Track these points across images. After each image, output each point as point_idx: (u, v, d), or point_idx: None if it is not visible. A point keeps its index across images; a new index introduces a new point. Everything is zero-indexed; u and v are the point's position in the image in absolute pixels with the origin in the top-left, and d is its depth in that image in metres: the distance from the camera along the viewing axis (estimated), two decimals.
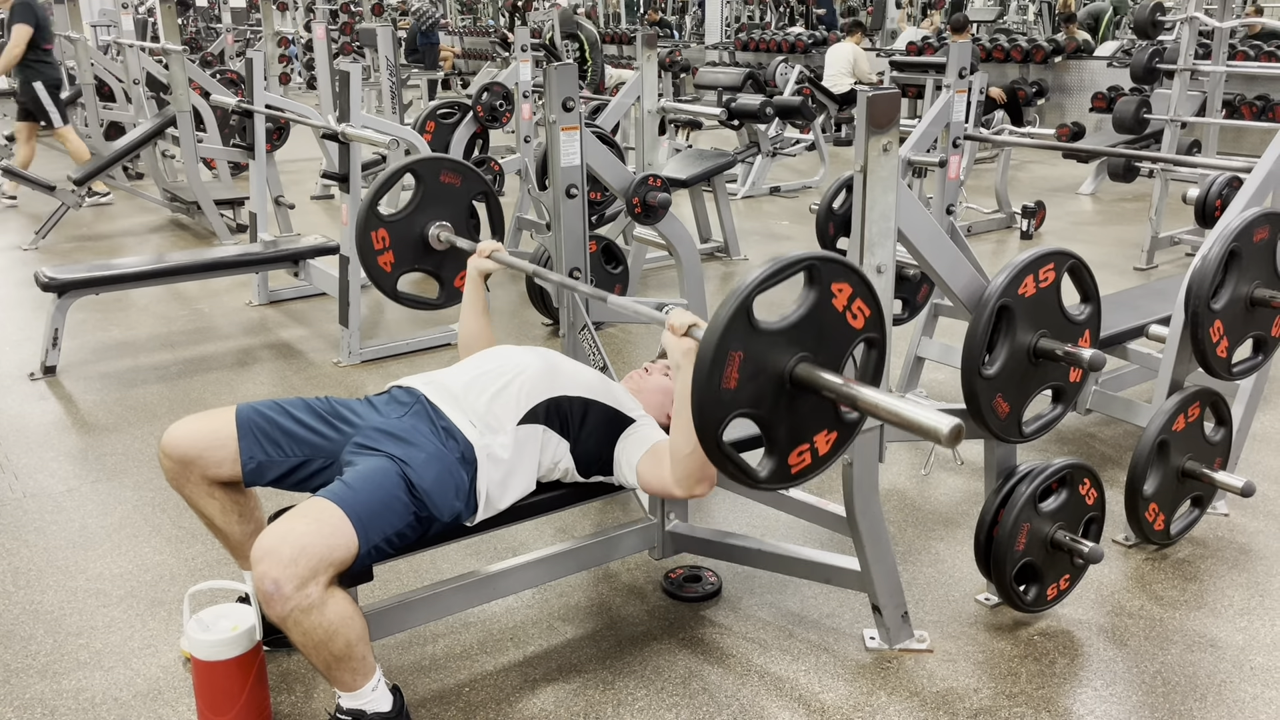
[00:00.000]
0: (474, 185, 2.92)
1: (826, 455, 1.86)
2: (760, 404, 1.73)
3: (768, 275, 1.70)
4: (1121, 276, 5.58)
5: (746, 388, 1.70)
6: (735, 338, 1.66)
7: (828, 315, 1.78)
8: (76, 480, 3.26)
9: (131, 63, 7.63)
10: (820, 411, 1.81)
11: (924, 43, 11.49)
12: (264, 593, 1.75)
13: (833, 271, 1.77)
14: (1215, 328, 2.57)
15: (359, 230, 2.78)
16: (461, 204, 2.90)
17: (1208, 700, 2.18)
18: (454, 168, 2.89)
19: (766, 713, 2.14)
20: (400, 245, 2.82)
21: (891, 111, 1.97)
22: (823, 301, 1.77)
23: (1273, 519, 2.94)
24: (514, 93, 5.62)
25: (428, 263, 2.89)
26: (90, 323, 4.82)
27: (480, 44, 17.63)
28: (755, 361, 1.70)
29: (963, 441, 1.60)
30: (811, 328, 1.76)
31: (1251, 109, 7.82)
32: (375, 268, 2.81)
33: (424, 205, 2.83)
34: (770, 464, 1.79)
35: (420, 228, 2.84)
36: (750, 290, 1.67)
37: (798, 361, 1.74)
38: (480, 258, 2.58)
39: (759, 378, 1.71)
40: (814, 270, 1.75)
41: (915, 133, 3.74)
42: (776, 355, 1.72)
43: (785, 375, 1.73)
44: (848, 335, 1.82)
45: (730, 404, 1.69)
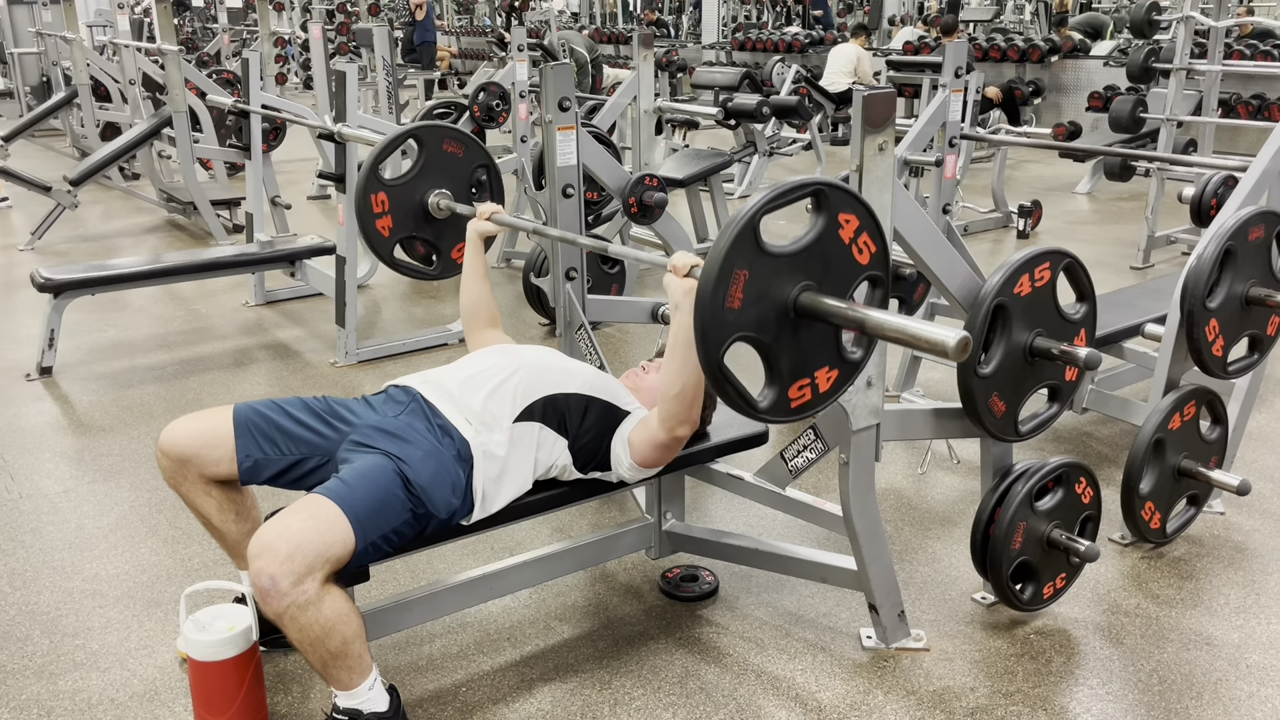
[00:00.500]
0: (476, 156, 2.91)
1: (827, 393, 1.83)
2: (764, 329, 1.70)
3: (777, 195, 1.68)
4: (1117, 275, 5.58)
5: (750, 310, 1.67)
6: (741, 255, 1.63)
7: (834, 246, 1.76)
8: (73, 481, 3.25)
9: (127, 63, 7.63)
10: (823, 346, 1.79)
11: (921, 42, 11.50)
12: (260, 588, 1.75)
13: (841, 200, 1.75)
14: (1211, 326, 2.58)
15: (359, 191, 2.76)
16: (463, 174, 2.88)
17: (1204, 698, 2.18)
18: (457, 137, 2.88)
19: (763, 712, 2.14)
20: (399, 210, 2.81)
21: (887, 111, 1.98)
22: (830, 231, 1.74)
23: (1269, 517, 2.95)
24: (510, 92, 5.62)
25: (426, 231, 2.88)
26: (87, 323, 4.82)
27: (477, 44, 17.63)
28: (760, 283, 1.67)
29: (965, 356, 1.56)
30: (817, 257, 1.74)
31: (1247, 108, 7.82)
32: (373, 232, 2.79)
33: (425, 173, 2.82)
34: (771, 394, 1.76)
35: (420, 195, 2.82)
36: (758, 209, 1.64)
37: (802, 289, 1.71)
38: (480, 220, 2.57)
39: (763, 301, 1.68)
40: (822, 196, 1.73)
41: (912, 132, 3.75)
42: (782, 280, 1.69)
43: (789, 302, 1.71)
44: (853, 269, 1.79)
45: (733, 325, 1.66)
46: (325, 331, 4.70)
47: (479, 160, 2.92)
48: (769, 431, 2.56)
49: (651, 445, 2.11)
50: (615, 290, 4.63)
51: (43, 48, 11.08)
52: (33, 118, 8.76)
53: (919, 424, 2.49)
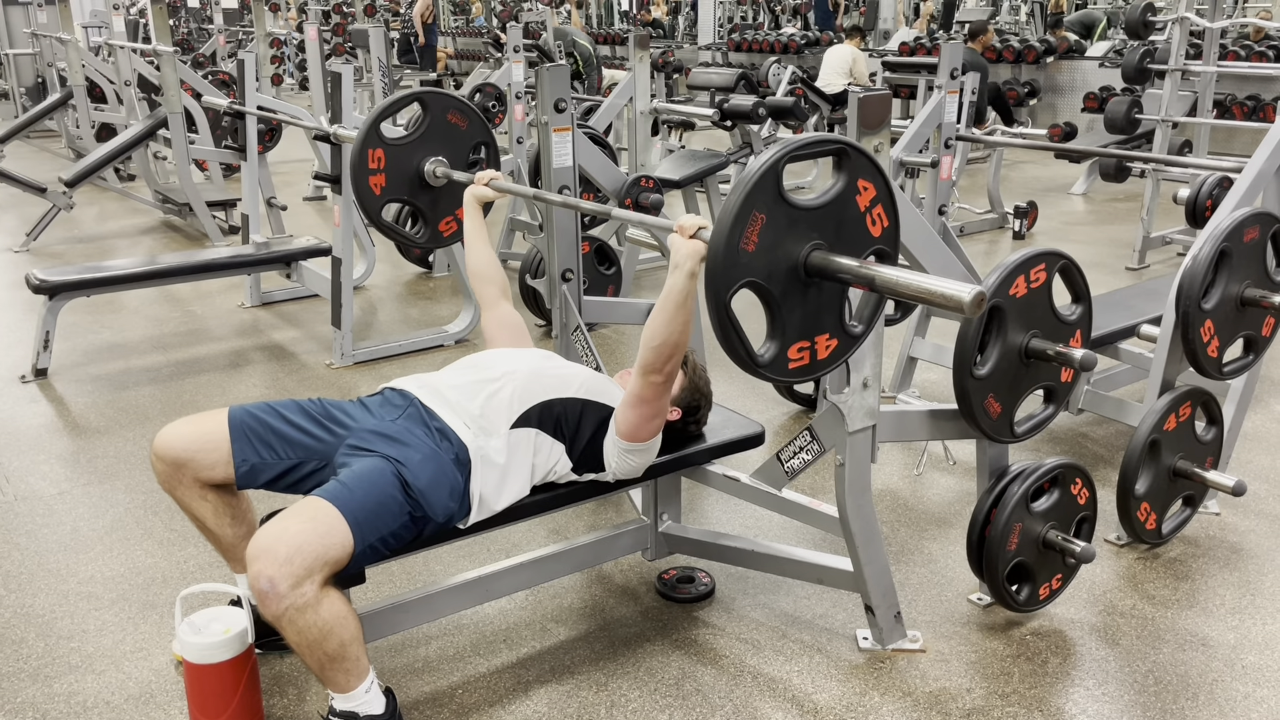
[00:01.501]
0: (478, 132, 2.90)
1: (825, 360, 1.83)
2: (773, 280, 1.70)
3: (801, 144, 1.68)
4: (1113, 276, 5.59)
5: (763, 256, 1.67)
6: (762, 198, 1.64)
7: (849, 211, 1.76)
8: (68, 483, 3.25)
9: (123, 64, 7.62)
10: (828, 310, 1.80)
11: (916, 43, 11.51)
12: (259, 591, 1.75)
13: (862, 166, 1.76)
14: (1206, 327, 2.58)
15: (357, 145, 2.74)
16: (463, 147, 2.88)
17: (1199, 699, 2.18)
18: (462, 109, 2.88)
19: (760, 713, 2.14)
20: (394, 171, 2.80)
21: (882, 112, 1.98)
22: (848, 194, 1.75)
23: (1264, 518, 2.95)
24: (507, 94, 5.61)
25: (419, 198, 2.87)
26: (82, 325, 4.81)
27: (473, 45, 17.63)
28: (775, 231, 1.67)
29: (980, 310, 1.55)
30: (832, 218, 1.74)
31: (1242, 109, 7.84)
32: (365, 187, 2.77)
33: (426, 139, 2.81)
34: (772, 349, 1.76)
35: (418, 160, 2.81)
36: (783, 154, 1.64)
37: (814, 248, 1.72)
38: (479, 185, 2.57)
39: (776, 250, 1.68)
40: (845, 156, 1.73)
41: (907, 133, 3.76)
42: (796, 234, 1.69)
43: (801, 259, 1.71)
44: (864, 239, 1.79)
45: (745, 268, 1.66)
46: (321, 333, 4.69)
47: (480, 136, 2.91)
48: (765, 433, 2.56)
49: (630, 402, 2.08)
50: (612, 291, 4.63)
51: (38, 49, 11.07)
52: (28, 119, 8.74)
53: (915, 425, 2.49)
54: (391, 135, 2.83)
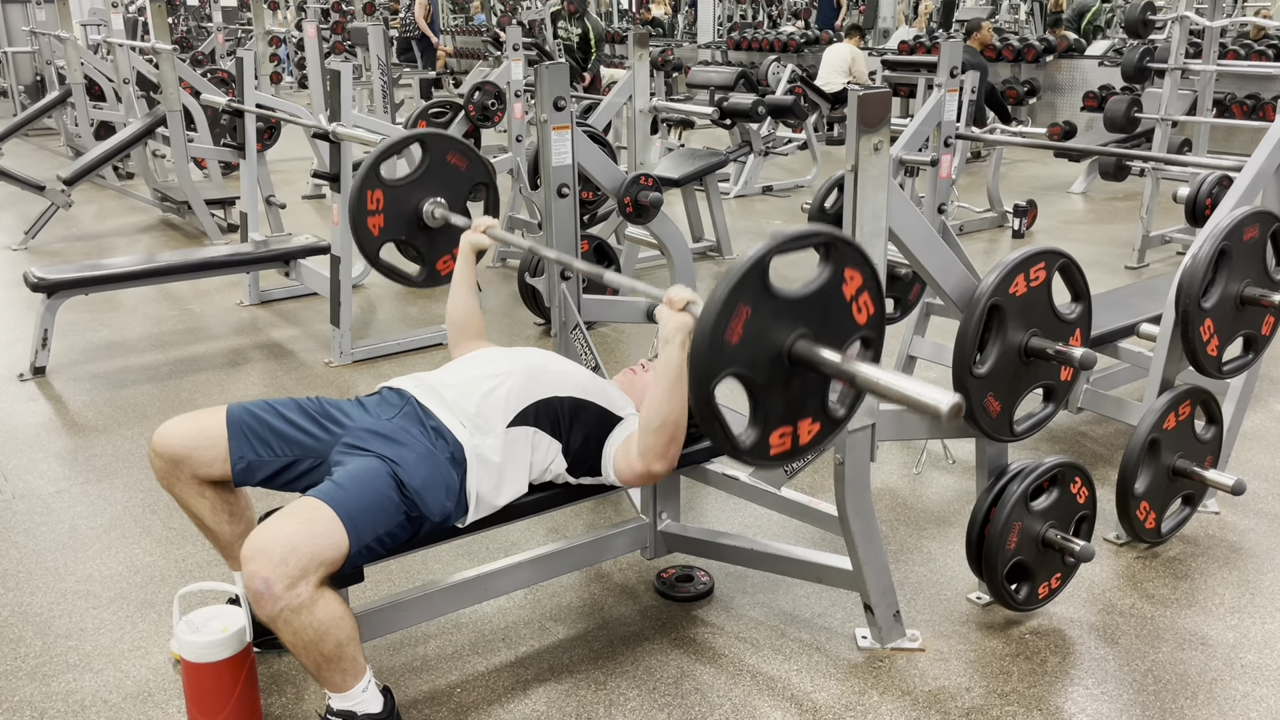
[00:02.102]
0: (477, 172, 2.90)
1: (806, 445, 1.83)
2: (757, 369, 1.70)
3: (790, 238, 1.68)
4: (1112, 275, 5.59)
5: (747, 348, 1.67)
6: (748, 292, 1.64)
7: (835, 300, 1.76)
8: (66, 481, 3.24)
9: (121, 62, 7.61)
10: (811, 397, 1.80)
11: (916, 41, 11.51)
12: (254, 592, 1.74)
13: (849, 256, 1.76)
14: (1206, 326, 2.58)
15: (356, 185, 2.75)
16: (461, 188, 2.87)
17: (1199, 698, 2.18)
18: (462, 150, 2.87)
19: (759, 712, 2.14)
20: (392, 212, 2.79)
21: (882, 111, 1.97)
22: (834, 284, 1.75)
23: (1263, 517, 2.95)
24: (506, 92, 5.61)
25: (417, 239, 2.86)
26: (80, 323, 4.80)
27: (472, 43, 17.61)
28: (761, 322, 1.67)
29: (958, 420, 1.56)
30: (818, 307, 1.74)
31: (1242, 108, 7.84)
32: (363, 228, 2.77)
33: (425, 180, 2.81)
34: (753, 435, 1.76)
35: (416, 201, 2.81)
36: (771, 249, 1.65)
37: (799, 337, 1.72)
38: (475, 232, 2.56)
39: (760, 341, 1.68)
40: (832, 247, 1.74)
41: (907, 132, 3.75)
42: (781, 324, 1.70)
43: (785, 347, 1.71)
44: (850, 326, 1.80)
45: (729, 359, 1.66)
46: (320, 331, 4.69)
47: (480, 177, 2.91)
48: None
49: (631, 473, 2.11)
50: (611, 290, 4.62)
51: (36, 46, 11.05)
52: (26, 117, 8.72)
53: (914, 424, 2.49)
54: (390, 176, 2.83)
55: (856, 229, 2.01)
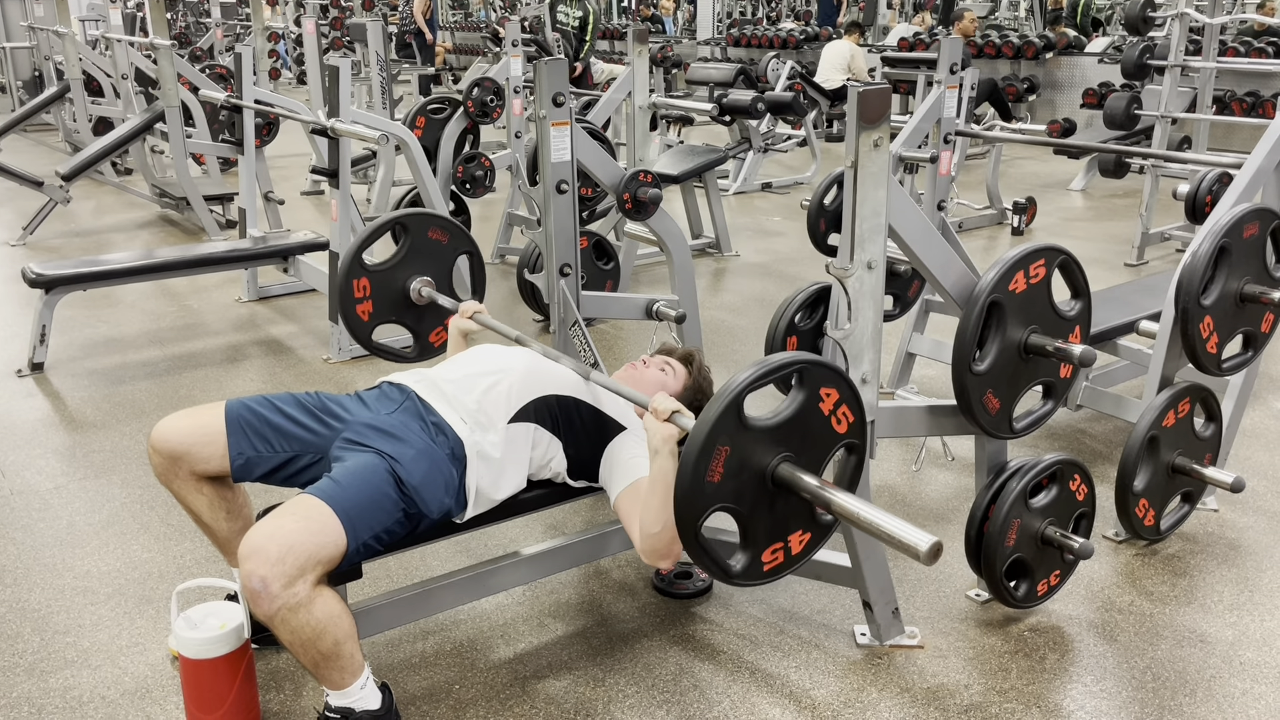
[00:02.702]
0: (460, 243, 2.92)
1: (799, 555, 1.88)
2: (741, 500, 1.75)
3: (761, 374, 1.71)
4: (1112, 272, 5.59)
5: (729, 483, 1.71)
6: (725, 432, 1.68)
7: (814, 418, 1.80)
8: (64, 477, 3.24)
9: (120, 57, 7.59)
10: (798, 512, 1.83)
11: (915, 38, 11.49)
12: (251, 591, 1.74)
13: (823, 376, 1.79)
14: (1205, 323, 2.57)
15: (341, 277, 2.78)
16: (446, 261, 2.91)
17: (1197, 695, 2.18)
18: (442, 225, 2.90)
19: (757, 709, 2.14)
20: (380, 296, 2.83)
21: (882, 107, 1.97)
22: (810, 404, 1.79)
23: (1262, 514, 2.95)
24: (505, 88, 5.60)
25: (406, 317, 2.90)
26: (78, 319, 4.79)
27: (471, 39, 17.59)
28: (741, 457, 1.71)
29: (936, 561, 1.57)
30: (797, 428, 1.78)
31: (1242, 105, 7.83)
32: (353, 316, 2.82)
33: (408, 259, 2.84)
34: (744, 559, 1.80)
35: (402, 281, 2.84)
36: (743, 388, 1.68)
37: (781, 461, 1.75)
38: (462, 318, 2.58)
39: (742, 474, 1.73)
40: (805, 373, 1.76)
41: (907, 128, 3.74)
42: (761, 453, 1.74)
43: (768, 474, 1.75)
44: (831, 439, 1.84)
45: (713, 497, 1.70)
46: (318, 327, 4.68)
47: (462, 247, 2.93)
48: None
49: (630, 536, 2.04)
50: (610, 286, 4.62)
51: (34, 42, 11.04)
52: (24, 112, 8.71)
53: (914, 421, 2.48)
54: (373, 262, 2.85)
55: (856, 225, 2.01)
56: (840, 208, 2.08)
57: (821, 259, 3.11)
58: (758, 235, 6.62)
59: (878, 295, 2.08)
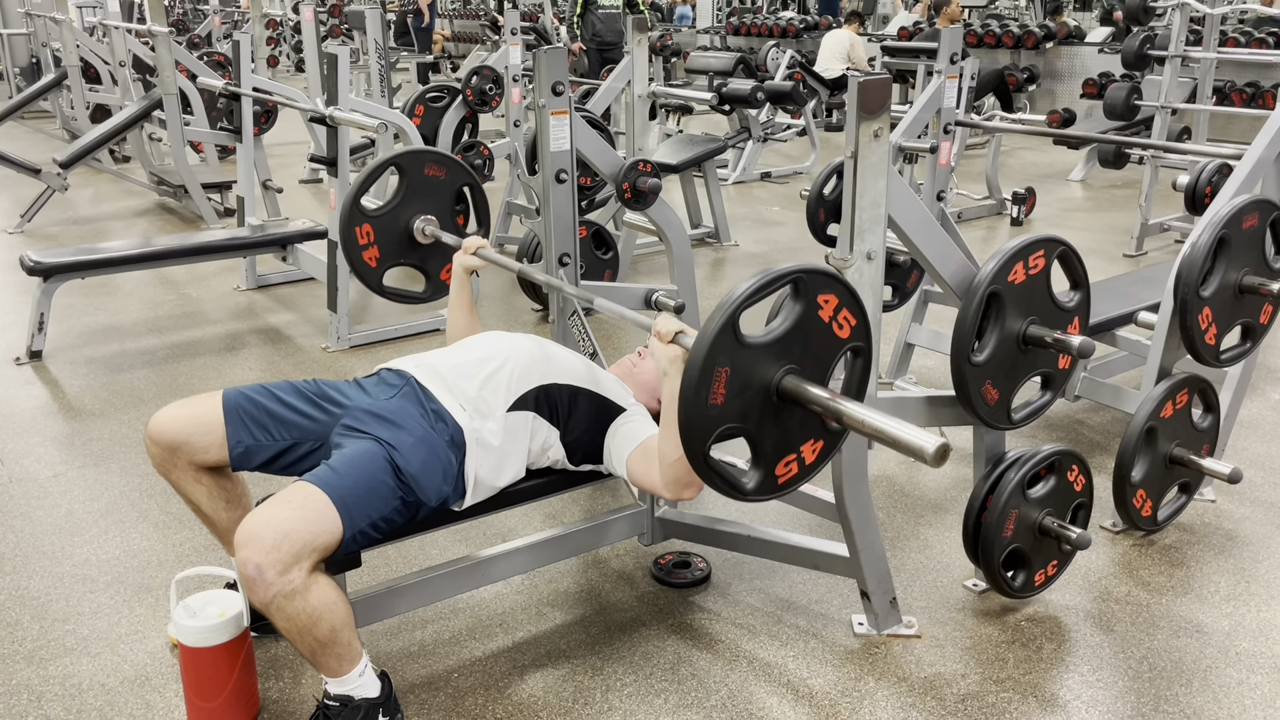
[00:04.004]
0: (459, 177, 2.90)
1: (814, 464, 1.85)
2: (747, 418, 1.73)
3: (753, 290, 1.68)
4: (1111, 263, 5.59)
5: (733, 403, 1.69)
6: (722, 353, 1.66)
7: (814, 326, 1.77)
8: (63, 465, 3.24)
9: (117, 44, 7.56)
10: (807, 422, 1.81)
11: (916, 28, 11.46)
12: (247, 578, 1.74)
13: (819, 283, 1.76)
14: (1204, 315, 2.58)
15: (343, 226, 2.76)
16: (446, 196, 2.88)
17: (1193, 685, 2.19)
18: (438, 160, 2.87)
19: (755, 698, 2.15)
20: (385, 240, 2.81)
21: (882, 97, 1.97)
22: (809, 313, 1.76)
23: (1259, 505, 2.96)
24: (504, 76, 5.59)
25: (413, 257, 2.87)
26: (76, 307, 4.79)
27: (470, 27, 17.53)
28: (742, 376, 1.69)
29: (943, 463, 1.56)
30: (798, 339, 1.75)
31: (1242, 96, 7.83)
32: (360, 263, 2.79)
33: (408, 199, 2.81)
34: (757, 475, 1.79)
35: (405, 222, 2.82)
36: (736, 306, 1.66)
37: (784, 374, 1.73)
38: (465, 255, 2.56)
39: (746, 393, 1.71)
40: (800, 283, 1.74)
41: (906, 118, 3.74)
42: (763, 369, 1.71)
43: (772, 388, 1.73)
44: (834, 345, 1.81)
45: (717, 419, 1.69)
46: (317, 316, 4.68)
47: (462, 180, 2.91)
48: None
49: (651, 488, 2.06)
50: (609, 276, 4.61)
51: (32, 29, 10.99)
52: (22, 99, 8.68)
53: (912, 411, 2.48)
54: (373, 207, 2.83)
55: (855, 216, 2.01)
56: (839, 198, 2.08)
57: (820, 249, 3.11)
58: (757, 225, 6.62)
59: (877, 285, 2.08)
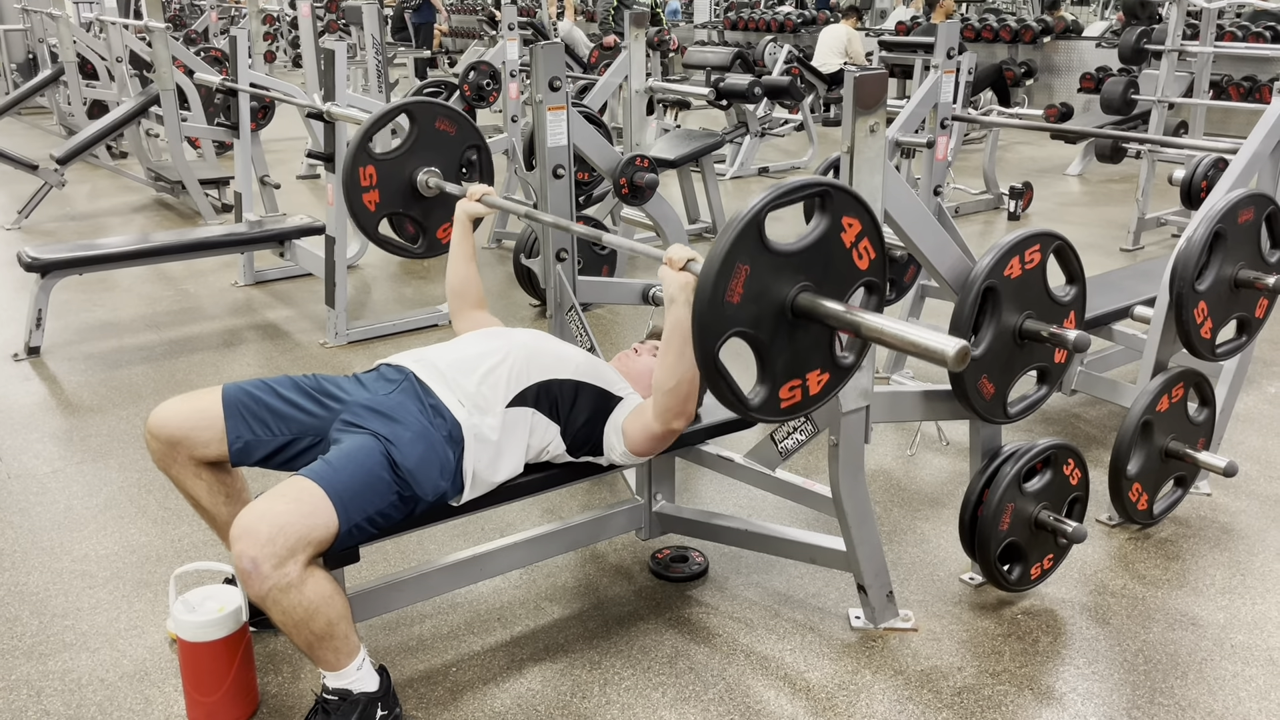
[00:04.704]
0: (468, 136, 2.89)
1: (817, 396, 1.84)
2: (760, 326, 1.71)
3: (783, 193, 1.68)
4: (1107, 257, 5.59)
5: (749, 306, 1.68)
6: (744, 251, 1.64)
7: (835, 249, 1.76)
8: (62, 461, 3.24)
9: (114, 40, 7.55)
10: (817, 348, 1.80)
11: (913, 22, 11.45)
12: (242, 571, 1.75)
13: (846, 203, 1.76)
14: (1200, 309, 2.58)
15: (348, 163, 2.74)
16: (454, 153, 2.86)
17: (1189, 678, 2.20)
18: (450, 115, 2.86)
19: (752, 692, 2.15)
20: (387, 185, 2.79)
21: (878, 92, 1.97)
22: (832, 233, 1.75)
23: (1255, 499, 2.97)
24: (501, 71, 5.59)
25: (414, 209, 2.86)
26: (74, 303, 4.79)
27: (468, 22, 17.50)
28: (760, 280, 1.67)
29: (964, 365, 1.56)
30: (818, 258, 1.74)
31: (1238, 90, 7.82)
32: (359, 205, 2.77)
33: (416, 149, 2.80)
34: (763, 392, 1.77)
35: (409, 171, 2.81)
36: (764, 204, 1.65)
37: (800, 290, 1.72)
38: (470, 200, 2.55)
39: (762, 299, 1.69)
40: (828, 197, 1.73)
41: (903, 113, 3.74)
42: (781, 279, 1.70)
43: (787, 302, 1.72)
44: (852, 274, 1.80)
45: (731, 320, 1.67)
46: (315, 312, 4.68)
47: (470, 140, 2.90)
48: None
49: (646, 436, 2.10)
50: (606, 271, 4.62)
51: (28, 24, 10.97)
52: (19, 95, 8.67)
53: (908, 406, 2.49)
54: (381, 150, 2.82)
55: None
56: None
57: None
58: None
59: None
